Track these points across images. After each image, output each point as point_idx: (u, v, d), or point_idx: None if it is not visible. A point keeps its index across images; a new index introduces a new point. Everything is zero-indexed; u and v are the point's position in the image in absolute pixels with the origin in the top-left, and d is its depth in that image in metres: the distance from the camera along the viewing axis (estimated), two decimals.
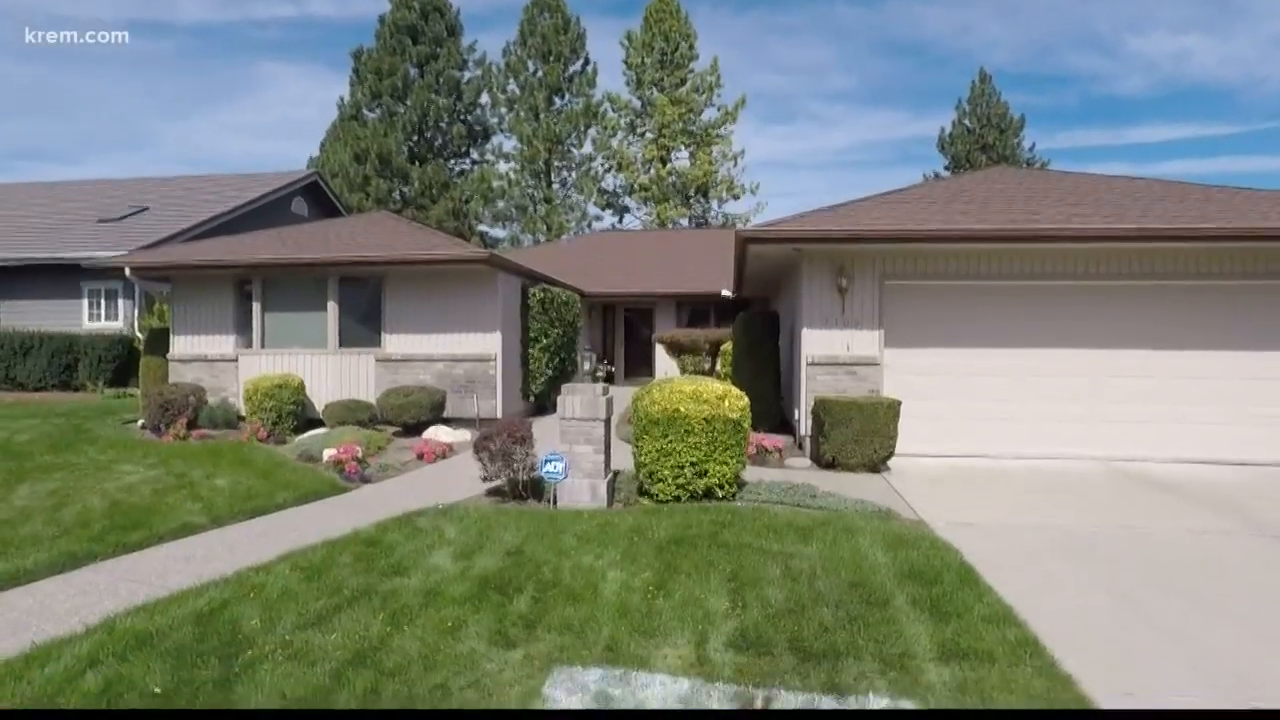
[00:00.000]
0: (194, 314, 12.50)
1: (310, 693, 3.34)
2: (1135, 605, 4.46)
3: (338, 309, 12.05)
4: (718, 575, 4.78)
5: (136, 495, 7.00)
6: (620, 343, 22.20)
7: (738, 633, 3.99)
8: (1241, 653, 3.84)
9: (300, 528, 6.05)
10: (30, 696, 3.30)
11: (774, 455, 8.70)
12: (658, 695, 3.38)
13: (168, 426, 10.41)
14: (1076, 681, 3.46)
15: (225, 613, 4.23)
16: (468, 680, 3.49)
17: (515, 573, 4.85)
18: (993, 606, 4.29)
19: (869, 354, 9.18)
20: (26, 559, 5.17)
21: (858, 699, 3.35)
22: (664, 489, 6.58)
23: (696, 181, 37.08)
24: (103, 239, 17.76)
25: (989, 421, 9.15)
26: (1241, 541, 5.82)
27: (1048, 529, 6.05)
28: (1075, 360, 9.11)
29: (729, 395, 6.66)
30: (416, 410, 10.82)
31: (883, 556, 5.12)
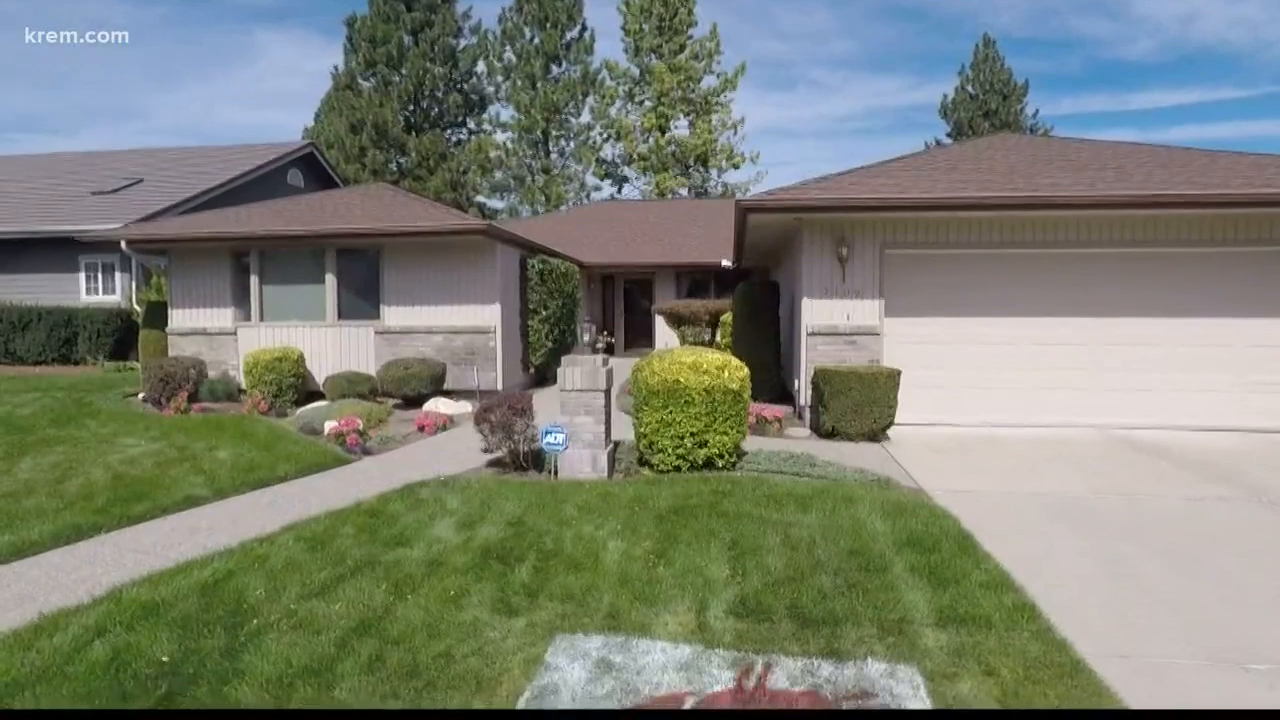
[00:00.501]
0: (191, 287, 12.45)
1: (315, 661, 3.38)
2: (1131, 571, 4.51)
3: (336, 281, 11.99)
4: (718, 544, 4.82)
5: (139, 468, 7.04)
6: (620, 314, 22.16)
7: (738, 600, 4.03)
8: (1234, 616, 3.88)
9: (303, 499, 6.08)
10: (39, 666, 3.34)
11: (774, 425, 8.73)
12: (658, 662, 3.42)
13: (168, 400, 10.42)
14: (1071, 645, 3.50)
15: (230, 583, 4.27)
16: (471, 648, 3.53)
17: (517, 542, 4.89)
18: (990, 573, 4.33)
19: (869, 323, 9.15)
20: (32, 531, 5.20)
21: (856, 664, 3.39)
22: (664, 459, 6.60)
23: (696, 150, 36.67)
24: (98, 211, 17.62)
25: (989, 390, 9.16)
26: (1239, 508, 5.86)
27: (1047, 496, 6.08)
28: (1076, 329, 9.10)
29: (729, 366, 6.66)
30: (417, 382, 10.82)
31: (881, 524, 5.16)
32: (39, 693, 3.12)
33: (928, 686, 3.19)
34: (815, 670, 3.35)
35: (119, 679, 3.22)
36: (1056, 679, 3.21)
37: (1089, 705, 3.00)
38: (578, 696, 3.13)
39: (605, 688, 3.20)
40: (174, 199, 17.94)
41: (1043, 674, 3.25)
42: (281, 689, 3.14)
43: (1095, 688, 3.14)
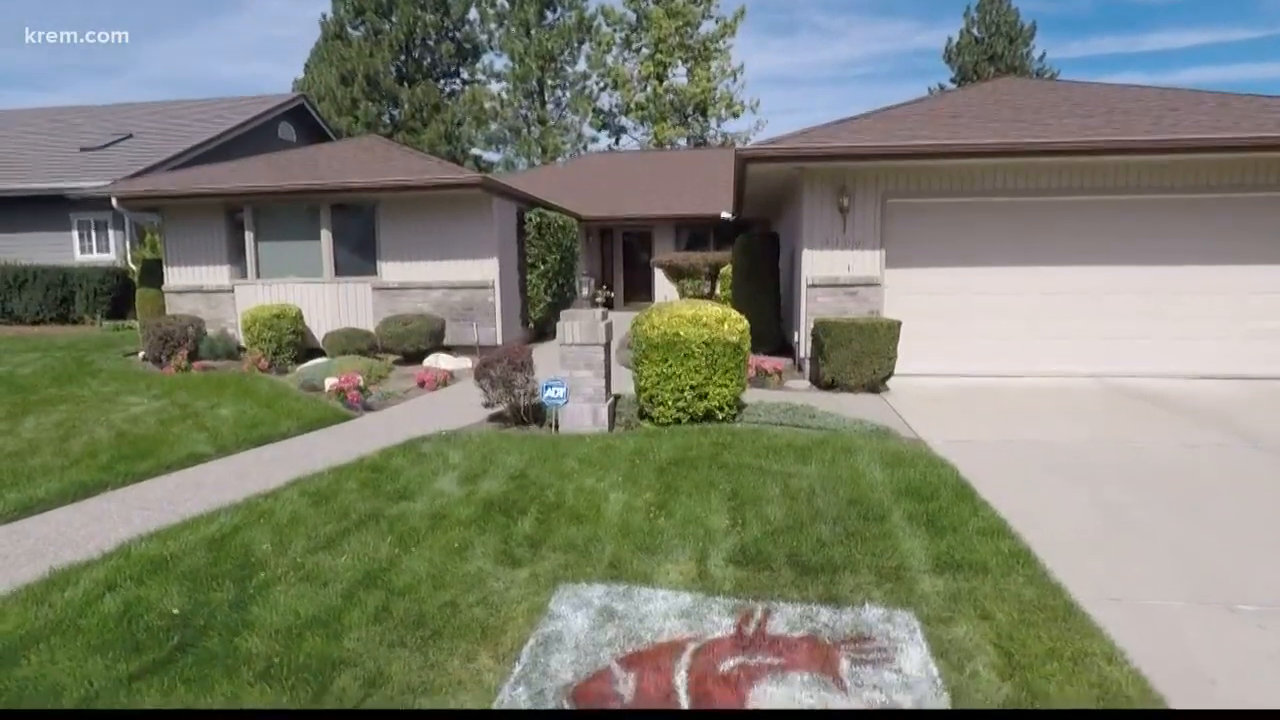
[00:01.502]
0: (186, 245, 12.33)
1: (323, 612, 3.44)
2: (1127, 516, 4.56)
3: (332, 237, 11.87)
4: (718, 495, 4.87)
5: (142, 426, 7.07)
6: (619, 267, 22.00)
7: (738, 549, 4.09)
8: (1226, 560, 3.94)
9: (306, 455, 6.13)
10: (53, 619, 3.41)
11: (774, 377, 8.74)
12: (660, 609, 3.49)
13: (169, 358, 10.42)
14: (1065, 589, 3.57)
15: (237, 537, 4.33)
16: (476, 598, 3.60)
17: (519, 495, 4.95)
18: (987, 520, 4.39)
19: (870, 274, 9.09)
20: (39, 489, 5.25)
21: (854, 609, 3.46)
22: (664, 412, 6.63)
23: (694, 99, 35.93)
24: (88, 168, 17.34)
25: (989, 340, 9.16)
26: (1234, 454, 5.90)
27: (1045, 445, 6.12)
28: (1076, 277, 9.04)
29: (728, 318, 6.63)
30: (416, 338, 10.81)
31: (880, 474, 5.20)
32: (53, 644, 3.18)
33: (924, 630, 3.26)
34: (814, 616, 3.41)
35: (131, 631, 3.29)
36: (1050, 622, 3.27)
37: (1079, 648, 3.06)
38: (581, 644, 3.20)
39: (608, 635, 3.27)
40: (164, 154, 17.63)
41: (1036, 617, 3.31)
42: (291, 639, 3.20)
43: (1087, 630, 3.20)
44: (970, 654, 3.06)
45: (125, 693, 2.83)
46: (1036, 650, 3.05)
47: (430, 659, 3.08)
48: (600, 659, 3.09)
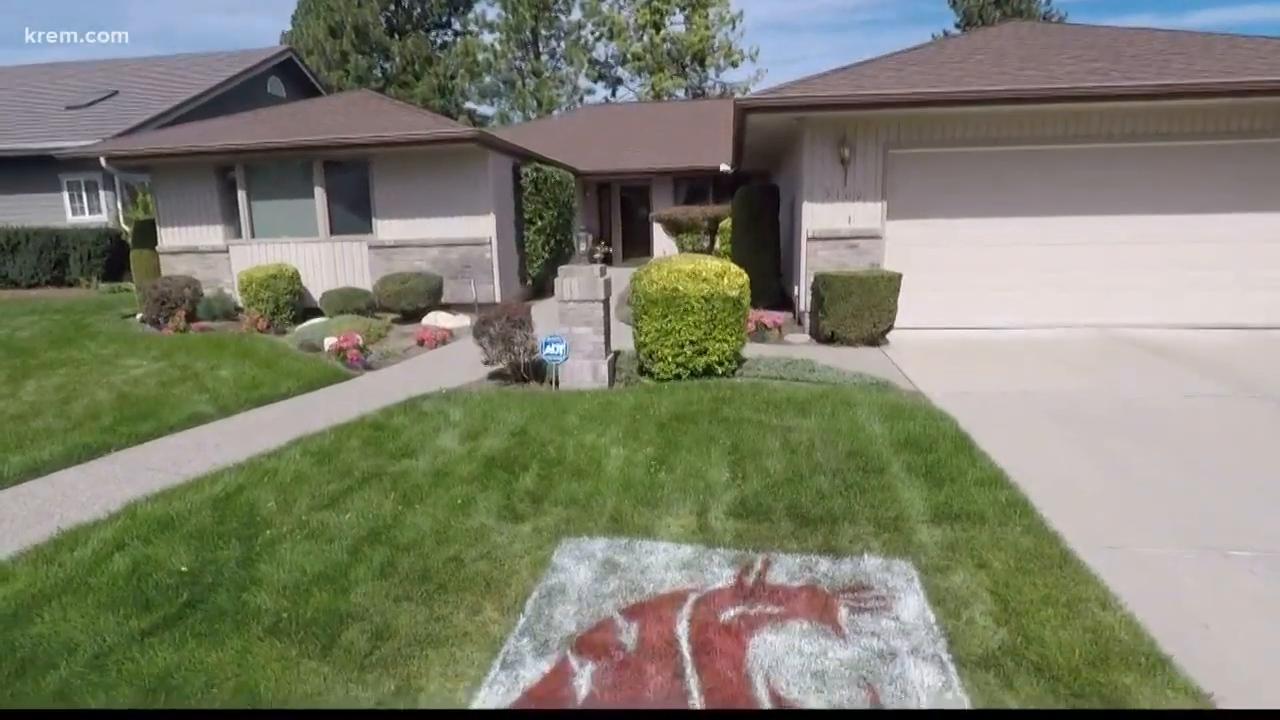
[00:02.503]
0: (178, 205, 12.17)
1: (329, 568, 3.49)
2: (1124, 466, 4.60)
3: (326, 195, 11.71)
4: (718, 449, 4.89)
5: (143, 388, 7.08)
6: (617, 223, 21.77)
7: (738, 502, 4.13)
8: (1223, 507, 3.98)
9: (307, 415, 6.15)
10: (63, 578, 3.46)
11: (773, 332, 8.72)
12: (661, 561, 3.53)
13: (166, 320, 10.39)
14: (1062, 538, 3.61)
15: (241, 497, 4.37)
16: (479, 552, 3.65)
17: (520, 452, 4.97)
18: (985, 471, 4.42)
19: (871, 227, 8.99)
20: (43, 451, 5.28)
21: (853, 559, 3.51)
22: (664, 368, 6.63)
23: (692, 49, 35.06)
24: (74, 127, 17.03)
25: (990, 292, 9.11)
26: (1233, 403, 5.92)
27: (1044, 396, 6.14)
28: (1078, 227, 8.94)
29: (728, 273, 6.58)
30: (414, 297, 10.75)
31: (880, 427, 5.22)
32: (65, 603, 3.24)
33: (921, 579, 3.31)
34: (813, 566, 3.46)
35: (141, 588, 3.34)
36: (1045, 570, 3.32)
37: (1074, 594, 3.11)
38: (584, 596, 3.25)
39: (610, 587, 3.32)
40: (152, 111, 17.29)
41: (1033, 565, 3.36)
42: (298, 595, 3.26)
43: (1082, 577, 3.25)
44: (967, 601, 3.11)
45: (138, 648, 2.89)
46: (1032, 597, 3.10)
47: (436, 612, 3.13)
48: (603, 610, 3.14)
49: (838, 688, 2.62)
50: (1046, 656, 2.72)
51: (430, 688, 2.66)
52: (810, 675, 2.69)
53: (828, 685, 2.63)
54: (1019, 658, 2.73)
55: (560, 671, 2.75)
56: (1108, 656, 2.71)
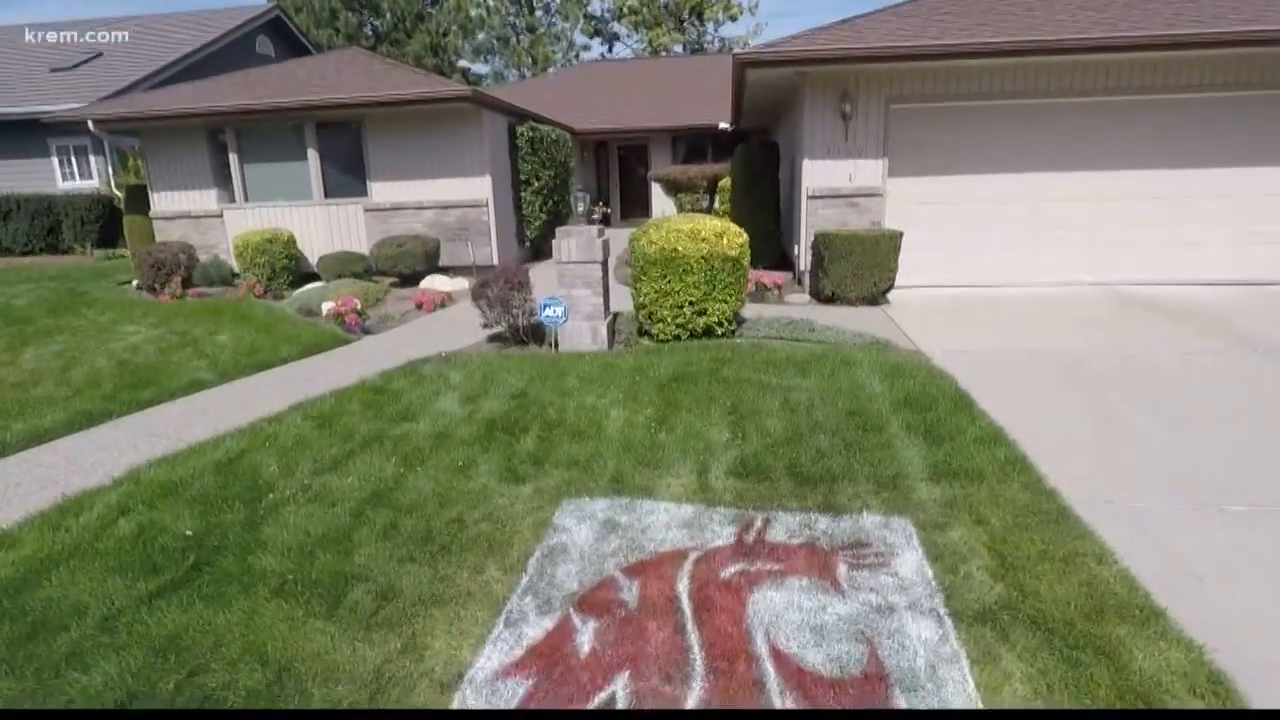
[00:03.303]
0: (170, 169, 12.00)
1: (333, 530, 3.53)
2: (1123, 423, 4.61)
3: (319, 157, 11.54)
4: (718, 409, 4.90)
5: (142, 355, 7.07)
6: (615, 183, 21.50)
7: (738, 461, 4.15)
8: (1219, 463, 4.00)
9: (307, 379, 6.15)
10: (70, 543, 3.49)
11: (773, 292, 8.68)
12: (662, 520, 3.57)
13: (163, 286, 10.33)
14: (1059, 494, 3.64)
15: (244, 461, 4.39)
16: (481, 514, 3.68)
17: (521, 414, 4.98)
18: (985, 429, 4.43)
19: (872, 184, 8.87)
20: (44, 418, 5.30)
21: (852, 517, 3.54)
22: (663, 329, 6.61)
23: (690, 1, 34.19)
24: (61, 90, 16.70)
25: (991, 250, 9.03)
26: (1233, 360, 5.91)
27: (1044, 354, 6.13)
28: (1080, 183, 8.81)
29: (727, 232, 6.51)
30: (411, 260, 10.67)
31: (879, 386, 5.23)
32: (73, 566, 3.28)
33: (920, 536, 3.34)
34: (812, 524, 3.49)
35: (147, 552, 3.37)
36: (1043, 526, 3.35)
37: (1070, 549, 3.14)
38: (586, 555, 3.28)
39: (612, 546, 3.35)
40: (139, 73, 16.93)
41: (1030, 521, 3.39)
42: (303, 557, 3.29)
43: (1079, 532, 3.28)
44: (964, 557, 3.14)
45: (146, 610, 2.93)
46: (1029, 552, 3.14)
47: (440, 572, 3.17)
48: (605, 569, 3.18)
49: (836, 642, 2.66)
50: (1042, 610, 2.75)
51: (435, 645, 2.70)
52: (809, 630, 2.73)
53: (826, 639, 2.67)
54: (1015, 611, 2.77)
55: (563, 629, 2.79)
56: (1103, 610, 2.75)
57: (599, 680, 2.50)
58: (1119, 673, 2.43)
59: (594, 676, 2.52)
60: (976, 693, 2.38)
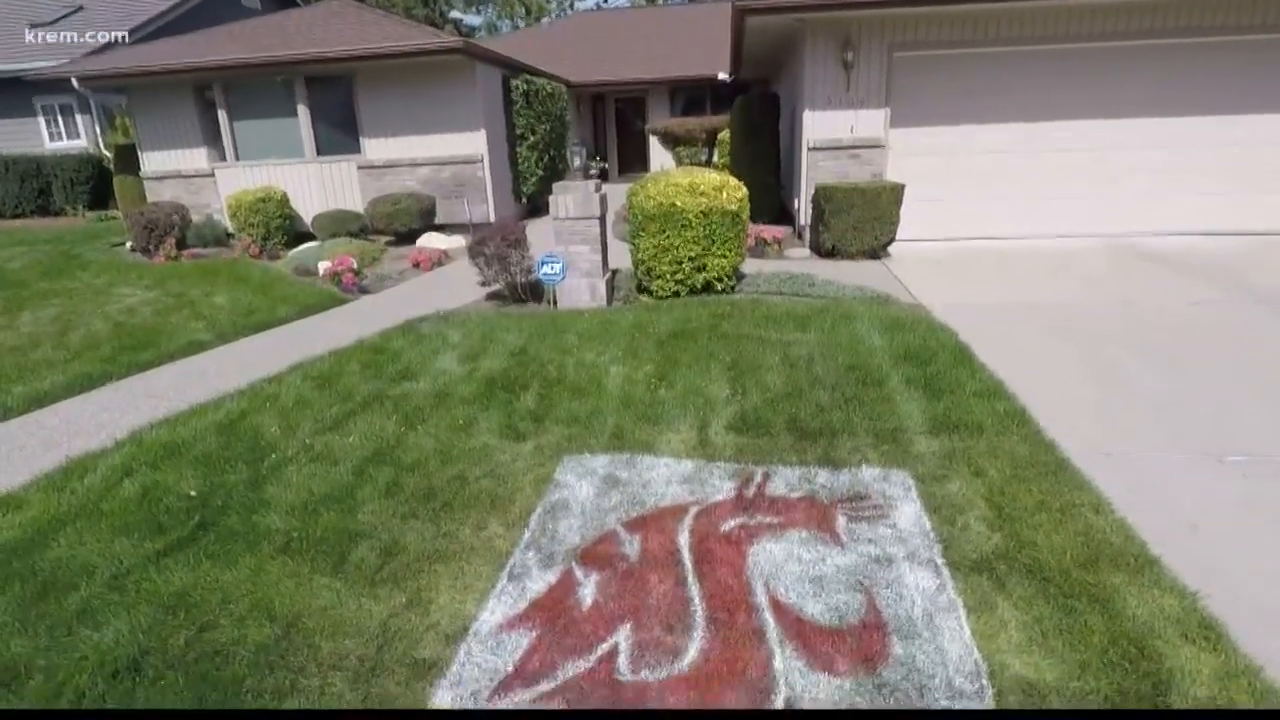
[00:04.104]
0: (158, 127, 11.77)
1: (336, 489, 3.55)
2: (1123, 375, 4.61)
3: (309, 114, 11.31)
4: (718, 365, 4.90)
5: (139, 317, 7.04)
6: (612, 137, 21.13)
7: (737, 417, 4.16)
8: (1219, 414, 4.01)
9: (305, 340, 6.13)
10: (75, 504, 3.52)
11: (773, 246, 8.60)
12: (663, 475, 3.59)
13: (157, 248, 10.23)
14: (1057, 445, 3.66)
15: (245, 422, 4.40)
16: (483, 470, 3.70)
17: (520, 372, 4.98)
18: (984, 382, 4.43)
19: (874, 135, 8.70)
20: (44, 382, 5.30)
21: (851, 470, 3.56)
22: (663, 285, 6.56)
23: None
24: (42, 47, 16.24)
25: (994, 202, 8.90)
26: (1234, 310, 5.88)
27: (1045, 307, 6.10)
28: (1085, 132, 8.63)
29: (726, 186, 6.41)
30: (406, 218, 10.54)
31: (879, 340, 5.21)
32: (80, 527, 3.31)
33: (919, 488, 3.37)
34: (812, 478, 3.52)
35: (152, 513, 3.40)
36: (1041, 477, 3.37)
37: (1067, 500, 3.17)
38: (587, 510, 3.31)
39: (612, 501, 3.38)
40: (123, 27, 16.45)
41: (1028, 473, 3.41)
42: (307, 515, 3.32)
43: (1077, 483, 3.31)
44: (962, 508, 3.17)
45: (154, 569, 2.97)
46: (1026, 503, 3.16)
47: (443, 529, 3.20)
48: (606, 523, 3.21)
49: (835, 592, 2.70)
50: (1039, 559, 2.79)
51: (440, 600, 2.74)
52: (808, 581, 2.76)
53: (825, 590, 2.71)
54: (1012, 561, 2.80)
55: (565, 582, 2.83)
56: (1098, 558, 2.78)
57: (601, 631, 2.55)
58: (1112, 619, 2.47)
59: (596, 628, 2.57)
60: (972, 640, 2.43)
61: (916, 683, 2.27)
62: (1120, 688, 2.20)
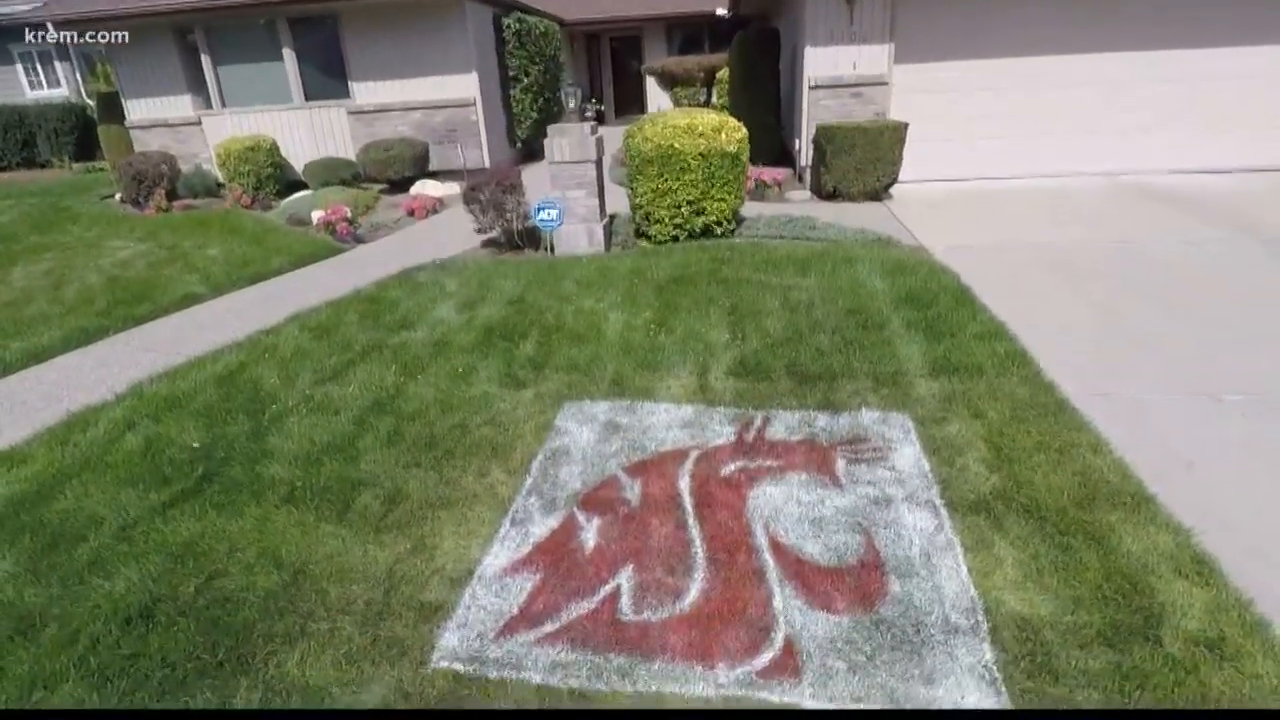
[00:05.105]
0: (140, 74, 11.43)
1: (337, 438, 3.57)
2: (1125, 316, 4.58)
3: (295, 57, 10.97)
4: (717, 310, 4.87)
5: (133, 270, 6.97)
6: (608, 78, 20.58)
7: (737, 362, 4.15)
8: (1219, 353, 4.00)
9: (301, 291, 6.08)
10: (80, 457, 3.55)
11: (773, 189, 8.46)
12: (663, 421, 3.60)
13: (147, 199, 10.06)
14: (1057, 387, 3.66)
15: (244, 374, 4.40)
16: (484, 418, 3.71)
17: (519, 320, 4.95)
18: (985, 325, 4.41)
19: (877, 72, 8.45)
20: (41, 337, 5.28)
21: (851, 414, 3.57)
22: (661, 230, 6.47)
23: None
24: None
25: (999, 140, 8.71)
26: (1236, 249, 5.80)
27: (1047, 247, 6.02)
28: (1091, 65, 8.35)
29: (725, 126, 6.26)
30: (399, 164, 10.34)
31: (880, 283, 5.17)
32: (85, 480, 3.33)
33: (918, 430, 3.38)
34: (812, 421, 3.53)
35: (156, 464, 3.43)
36: (1040, 418, 3.38)
37: (1066, 440, 3.18)
38: (588, 456, 3.33)
39: (613, 447, 3.40)
40: None
41: (1027, 414, 3.42)
42: (310, 465, 3.34)
43: (1076, 424, 3.32)
44: (961, 450, 3.19)
45: (160, 520, 3.00)
46: (1025, 444, 3.18)
47: (445, 476, 3.23)
48: (607, 469, 3.23)
49: (834, 533, 2.73)
50: (1036, 499, 2.81)
51: (444, 545, 2.78)
52: (808, 523, 2.80)
53: (824, 531, 2.75)
54: (1009, 501, 2.83)
55: (567, 527, 2.86)
56: (1095, 497, 2.81)
57: (604, 573, 2.59)
58: (1107, 556, 2.51)
59: (599, 570, 2.61)
60: (969, 578, 2.47)
61: (913, 619, 2.32)
62: (1112, 621, 2.24)
